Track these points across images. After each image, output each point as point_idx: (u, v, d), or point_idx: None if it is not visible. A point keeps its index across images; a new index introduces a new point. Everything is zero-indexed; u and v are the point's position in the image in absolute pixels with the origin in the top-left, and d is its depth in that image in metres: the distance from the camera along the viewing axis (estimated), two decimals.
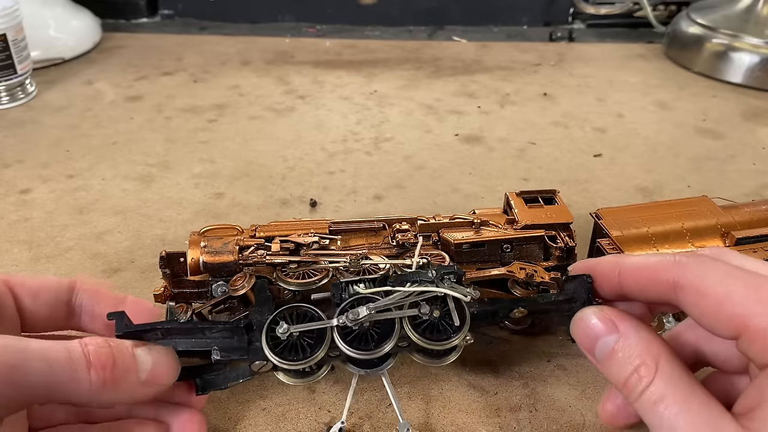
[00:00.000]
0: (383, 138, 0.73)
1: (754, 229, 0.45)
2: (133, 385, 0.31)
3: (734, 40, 0.87)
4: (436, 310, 0.35)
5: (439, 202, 0.61)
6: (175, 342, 0.33)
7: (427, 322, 0.35)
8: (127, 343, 0.32)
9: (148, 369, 0.31)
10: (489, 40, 1.05)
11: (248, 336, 0.34)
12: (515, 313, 0.36)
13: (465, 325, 0.35)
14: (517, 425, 0.39)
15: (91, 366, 0.29)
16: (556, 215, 0.46)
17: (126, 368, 0.30)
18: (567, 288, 0.35)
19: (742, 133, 0.75)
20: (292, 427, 0.39)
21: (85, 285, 0.36)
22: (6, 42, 0.74)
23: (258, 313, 0.35)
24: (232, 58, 0.94)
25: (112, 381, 0.30)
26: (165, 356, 0.32)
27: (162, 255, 0.42)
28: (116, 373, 0.30)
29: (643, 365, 0.28)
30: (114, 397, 0.30)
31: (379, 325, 0.34)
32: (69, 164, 0.66)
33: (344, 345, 0.34)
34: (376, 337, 0.34)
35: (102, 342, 0.30)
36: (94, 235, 0.56)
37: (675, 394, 0.27)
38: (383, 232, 0.45)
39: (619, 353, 0.29)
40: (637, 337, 0.29)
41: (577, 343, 0.32)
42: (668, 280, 0.29)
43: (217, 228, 0.45)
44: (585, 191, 0.63)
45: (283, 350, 0.34)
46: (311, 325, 0.34)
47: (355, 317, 0.34)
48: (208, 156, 0.68)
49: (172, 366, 0.33)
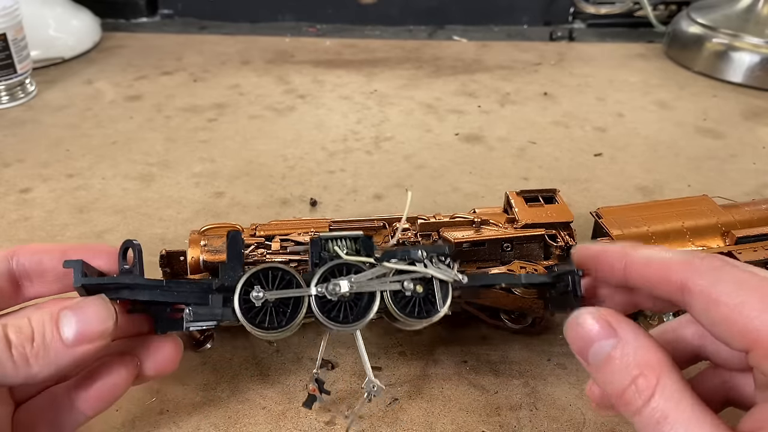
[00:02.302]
0: (383, 137, 0.73)
1: (755, 228, 0.45)
2: (60, 350, 0.29)
3: (734, 40, 0.87)
4: (420, 286, 0.34)
5: (440, 202, 0.61)
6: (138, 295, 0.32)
7: (410, 298, 0.34)
8: (53, 309, 0.30)
9: (72, 329, 0.30)
10: (489, 39, 1.05)
11: (221, 296, 0.33)
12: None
13: (446, 305, 0.34)
14: (518, 424, 0.39)
15: (12, 346, 0.29)
16: (557, 214, 0.46)
17: (48, 336, 0.29)
18: (555, 273, 0.35)
19: (742, 132, 0.75)
20: (292, 426, 0.39)
21: (24, 248, 0.34)
22: (6, 41, 0.74)
23: (230, 270, 0.33)
24: (232, 58, 0.94)
25: (34, 356, 0.29)
26: (94, 310, 0.30)
27: (162, 254, 0.42)
28: (37, 345, 0.29)
29: (642, 377, 0.26)
30: (45, 369, 0.29)
31: (359, 295, 0.34)
32: (69, 163, 0.66)
33: (323, 316, 0.33)
34: (355, 309, 0.33)
35: (22, 320, 0.29)
36: (95, 235, 0.56)
37: (678, 412, 0.25)
38: (383, 230, 0.45)
39: (616, 360, 0.27)
40: (636, 343, 0.27)
41: (570, 345, 0.30)
42: (677, 280, 0.28)
43: (218, 227, 0.45)
44: (585, 190, 0.63)
45: (257, 315, 0.32)
46: (288, 292, 0.33)
47: (336, 291, 0.33)
48: (208, 155, 0.68)
49: (102, 319, 0.30)
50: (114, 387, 0.33)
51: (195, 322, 0.33)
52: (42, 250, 0.34)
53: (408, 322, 0.34)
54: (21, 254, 0.33)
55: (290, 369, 0.42)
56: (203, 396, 0.40)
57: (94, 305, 0.31)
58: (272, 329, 0.32)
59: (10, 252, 0.33)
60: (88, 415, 0.33)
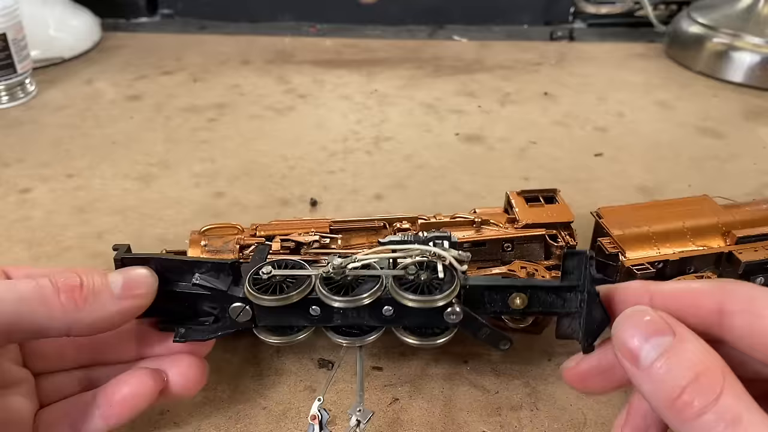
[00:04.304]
0: (383, 137, 0.73)
1: (755, 228, 0.45)
2: (108, 300, 0.31)
3: (735, 40, 0.87)
4: (424, 273, 0.33)
5: (440, 202, 0.61)
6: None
7: (413, 284, 0.33)
8: (101, 270, 0.33)
9: (120, 283, 0.32)
10: (489, 39, 1.05)
11: (233, 277, 0.34)
12: (515, 301, 0.34)
13: (453, 286, 0.33)
14: (518, 424, 0.39)
15: (60, 291, 0.30)
16: (557, 214, 0.46)
17: (97, 286, 0.31)
18: (567, 268, 0.33)
19: (743, 132, 0.75)
20: (293, 426, 0.38)
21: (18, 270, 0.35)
22: (6, 41, 0.74)
23: (249, 266, 0.35)
24: (232, 58, 0.94)
25: (83, 300, 0.31)
26: (139, 271, 0.33)
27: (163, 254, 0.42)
28: (86, 292, 0.31)
29: (705, 375, 0.23)
30: (91, 314, 0.31)
31: (363, 281, 0.34)
32: (69, 163, 0.66)
33: (324, 292, 0.33)
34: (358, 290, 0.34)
35: (69, 272, 0.31)
36: (95, 235, 0.55)
37: (751, 414, 0.22)
38: (384, 231, 0.45)
39: (674, 358, 0.24)
40: (697, 342, 0.25)
41: (616, 342, 0.26)
42: (712, 306, 0.26)
43: (218, 227, 0.45)
44: (586, 190, 0.63)
45: (261, 290, 0.33)
46: (294, 271, 0.34)
47: (336, 263, 0.33)
48: (208, 155, 0.68)
49: (148, 278, 0.33)
50: (139, 397, 0.34)
51: (202, 284, 0.34)
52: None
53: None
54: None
55: (291, 369, 0.42)
56: (204, 396, 0.40)
57: (138, 269, 0.34)
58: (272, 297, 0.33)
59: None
60: (109, 424, 0.34)
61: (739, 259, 0.44)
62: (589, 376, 0.31)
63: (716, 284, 0.27)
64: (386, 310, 0.34)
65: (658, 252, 0.44)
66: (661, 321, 0.25)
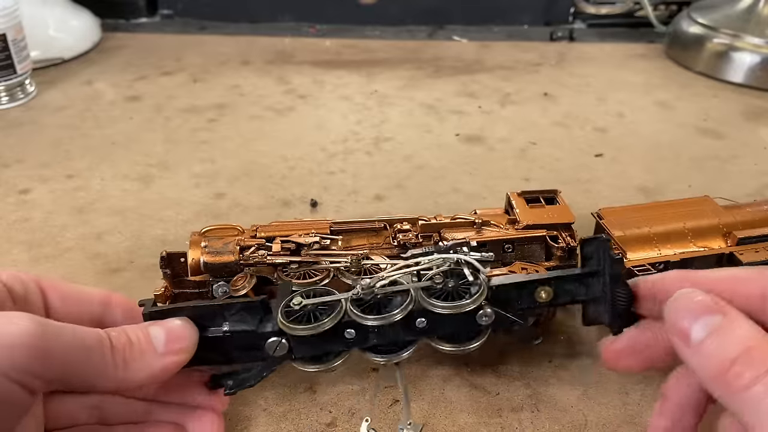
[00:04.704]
0: (384, 138, 0.72)
1: (756, 229, 0.45)
2: (153, 358, 0.31)
3: (735, 40, 0.87)
4: (451, 281, 0.34)
5: (440, 202, 0.61)
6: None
7: (442, 292, 0.34)
8: (141, 325, 0.32)
9: (163, 339, 0.32)
10: (489, 39, 1.05)
11: (263, 314, 0.34)
12: (541, 294, 0.34)
13: (481, 289, 0.33)
14: (519, 425, 0.39)
15: (113, 348, 0.30)
16: (558, 215, 0.46)
17: (142, 345, 0.31)
18: (586, 254, 0.34)
19: (743, 133, 0.75)
20: (293, 428, 0.38)
21: (120, 302, 0.36)
22: (6, 42, 0.74)
23: (276, 302, 0.35)
24: (232, 58, 0.94)
25: (132, 358, 0.30)
26: (178, 324, 0.33)
27: (162, 255, 0.42)
28: (134, 351, 0.31)
29: (757, 348, 0.24)
30: (139, 374, 0.31)
31: (393, 298, 0.34)
32: (68, 164, 0.66)
33: (356, 312, 0.33)
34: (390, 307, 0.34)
35: (117, 329, 0.31)
36: (94, 236, 0.55)
37: None
38: (384, 232, 0.45)
39: (725, 333, 0.25)
40: (747, 321, 0.25)
41: (668, 326, 0.27)
42: (755, 291, 0.27)
43: (218, 228, 0.44)
44: (586, 191, 0.63)
45: (294, 321, 0.33)
46: (324, 297, 0.34)
47: (365, 284, 0.33)
48: (208, 156, 0.68)
49: (187, 330, 0.33)
50: None
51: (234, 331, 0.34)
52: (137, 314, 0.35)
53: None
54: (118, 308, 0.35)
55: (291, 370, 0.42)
56: None
57: (176, 320, 0.33)
58: (306, 327, 0.33)
59: (107, 296, 0.36)
60: None
61: (741, 260, 0.44)
62: (624, 355, 0.32)
63: (760, 270, 0.28)
64: (419, 322, 0.34)
65: (659, 253, 0.44)
66: (711, 302, 0.26)
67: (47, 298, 0.34)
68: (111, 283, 0.50)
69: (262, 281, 0.42)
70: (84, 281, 0.50)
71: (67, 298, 0.34)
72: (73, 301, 0.34)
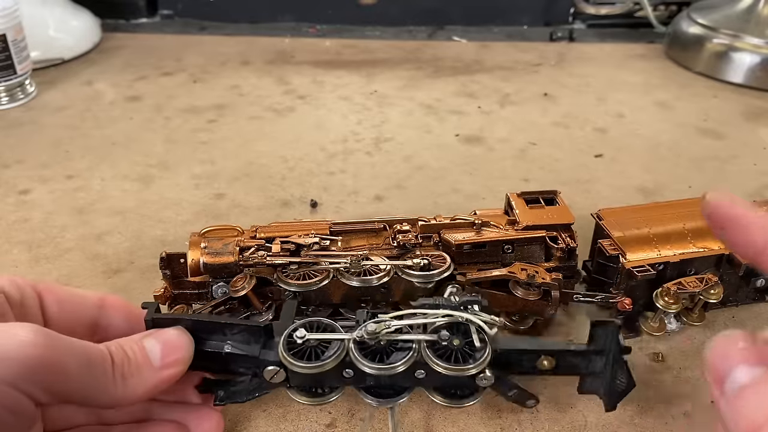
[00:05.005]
0: (383, 138, 0.72)
1: None
2: (149, 373, 0.31)
3: (735, 40, 0.87)
4: (456, 339, 0.34)
5: (440, 203, 0.61)
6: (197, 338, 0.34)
7: (446, 349, 0.34)
8: (135, 338, 0.32)
9: (158, 353, 0.32)
10: (489, 40, 1.05)
11: (265, 339, 0.34)
12: (543, 363, 0.35)
13: (485, 354, 0.34)
14: (519, 427, 0.39)
15: (114, 364, 0.30)
16: (558, 216, 0.46)
17: (138, 359, 0.31)
18: (595, 333, 0.34)
19: (743, 133, 0.75)
20: (292, 429, 0.38)
21: (116, 304, 0.36)
22: (6, 42, 0.74)
23: (279, 326, 0.35)
24: (232, 58, 0.94)
25: (131, 373, 0.30)
26: (173, 334, 0.33)
27: (162, 256, 0.42)
28: (131, 367, 0.31)
29: None
30: (137, 389, 0.31)
31: (396, 346, 0.34)
32: (68, 164, 0.66)
33: (358, 357, 0.34)
34: (392, 357, 0.34)
35: (115, 344, 0.31)
36: (94, 236, 0.55)
37: None
38: (384, 232, 0.45)
39: (758, 391, 0.23)
40: None
41: (706, 364, 0.25)
42: None
43: (218, 229, 0.44)
44: (586, 192, 0.63)
45: (296, 354, 0.34)
46: (329, 335, 0.34)
47: (370, 330, 0.34)
48: (208, 156, 0.68)
49: (183, 340, 0.33)
50: None
51: (234, 353, 0.34)
52: (134, 317, 0.35)
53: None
54: (113, 311, 0.36)
55: None
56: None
57: (171, 331, 0.33)
58: (306, 364, 0.33)
59: (101, 299, 0.35)
60: None
61: (740, 261, 0.44)
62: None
63: None
64: (419, 373, 0.34)
65: (659, 254, 0.44)
66: (754, 351, 0.24)
67: (44, 302, 0.34)
68: (111, 283, 0.50)
69: (262, 282, 0.42)
70: (84, 282, 0.50)
71: (63, 302, 0.34)
72: (68, 305, 0.34)
